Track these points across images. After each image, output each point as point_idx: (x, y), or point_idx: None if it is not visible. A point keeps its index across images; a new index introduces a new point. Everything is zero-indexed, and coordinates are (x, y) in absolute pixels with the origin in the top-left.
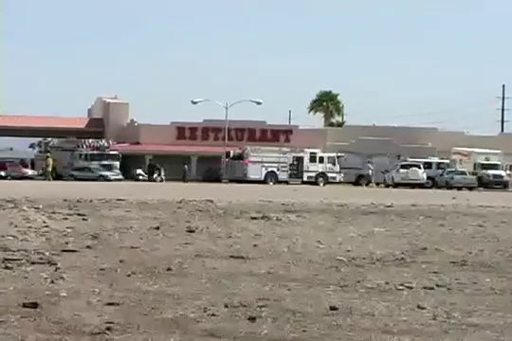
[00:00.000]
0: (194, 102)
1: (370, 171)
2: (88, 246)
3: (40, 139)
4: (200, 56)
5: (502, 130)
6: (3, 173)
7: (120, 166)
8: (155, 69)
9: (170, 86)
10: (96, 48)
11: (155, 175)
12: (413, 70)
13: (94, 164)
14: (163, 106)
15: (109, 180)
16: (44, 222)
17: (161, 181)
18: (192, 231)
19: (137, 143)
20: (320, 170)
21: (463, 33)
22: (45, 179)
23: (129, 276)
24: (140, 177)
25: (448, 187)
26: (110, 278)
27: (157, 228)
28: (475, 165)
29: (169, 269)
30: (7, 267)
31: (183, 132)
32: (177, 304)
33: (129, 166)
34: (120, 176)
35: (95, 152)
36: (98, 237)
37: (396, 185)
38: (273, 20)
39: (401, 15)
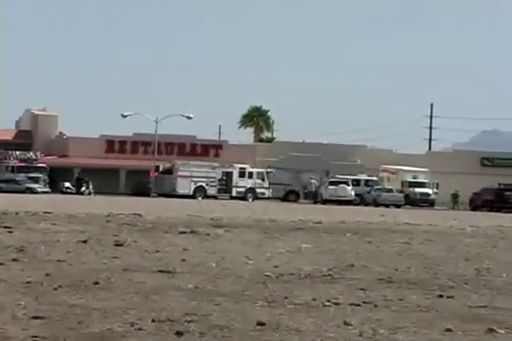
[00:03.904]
0: (124, 116)
1: (313, 187)
2: (14, 259)
3: None
4: (129, 70)
5: (430, 148)
6: None
7: (48, 179)
8: (85, 82)
9: (100, 99)
10: (26, 60)
11: (84, 188)
12: (344, 88)
13: (21, 176)
14: (93, 119)
15: (36, 193)
16: None
17: (89, 194)
18: (119, 245)
19: (66, 156)
20: (249, 186)
21: (392, 53)
22: None
23: (55, 289)
24: (68, 190)
25: (376, 204)
26: (36, 291)
27: (85, 242)
28: (403, 183)
29: (96, 283)
30: None
31: (112, 145)
32: (104, 318)
33: (57, 179)
34: (48, 189)
35: (22, 164)
36: (24, 250)
37: (325, 201)
38: (204, 33)
39: (330, 30)
